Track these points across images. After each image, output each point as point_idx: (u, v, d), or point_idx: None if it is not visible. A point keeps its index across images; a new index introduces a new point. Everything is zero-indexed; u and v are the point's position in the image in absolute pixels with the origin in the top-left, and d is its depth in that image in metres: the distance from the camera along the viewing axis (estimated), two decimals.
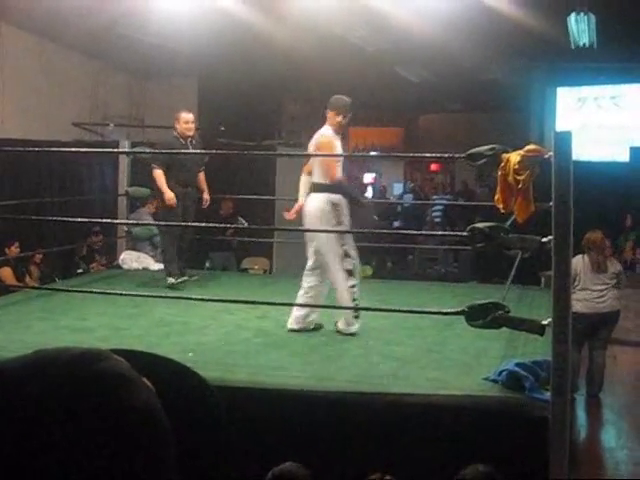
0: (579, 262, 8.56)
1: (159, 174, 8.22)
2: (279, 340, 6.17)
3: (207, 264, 12.06)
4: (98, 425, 0.85)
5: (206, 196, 8.65)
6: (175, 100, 11.86)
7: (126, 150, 9.89)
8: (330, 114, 6.53)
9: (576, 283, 8.47)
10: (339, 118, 6.50)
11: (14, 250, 9.49)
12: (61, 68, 11.87)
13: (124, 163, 9.79)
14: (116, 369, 0.91)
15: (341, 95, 6.59)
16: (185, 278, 8.40)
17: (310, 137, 6.66)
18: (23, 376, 0.87)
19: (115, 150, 10.04)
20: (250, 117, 13.47)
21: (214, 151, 9.41)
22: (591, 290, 8.57)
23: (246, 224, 11.15)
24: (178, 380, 1.09)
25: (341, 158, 6.67)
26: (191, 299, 6.63)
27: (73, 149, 7.49)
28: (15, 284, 9.08)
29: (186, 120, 8.45)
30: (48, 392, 0.85)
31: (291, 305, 6.39)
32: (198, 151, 8.43)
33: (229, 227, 10.61)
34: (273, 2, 9.75)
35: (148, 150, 9.36)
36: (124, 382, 0.90)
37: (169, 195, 8.16)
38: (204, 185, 8.69)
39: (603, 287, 8.64)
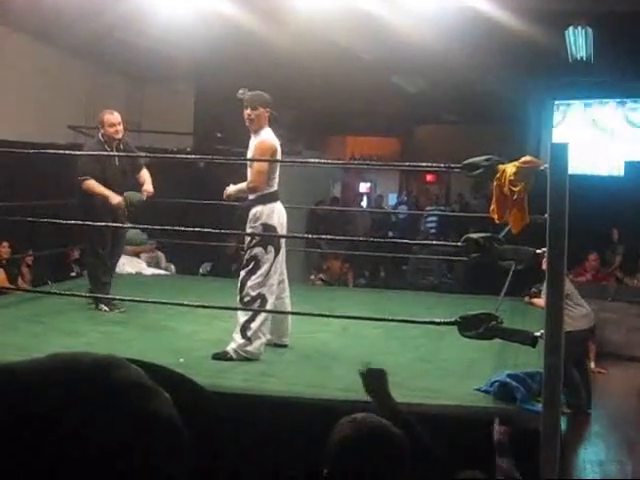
0: (568, 285, 8.58)
1: (92, 183, 7.15)
2: (271, 348, 6.15)
3: (201, 270, 12.04)
4: (118, 431, 0.86)
5: (147, 187, 7.47)
6: (172, 105, 11.86)
7: (121, 154, 9.85)
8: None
9: (569, 305, 8.49)
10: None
11: (3, 250, 9.47)
12: (58, 71, 11.85)
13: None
14: (134, 377, 0.92)
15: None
16: (122, 309, 7.28)
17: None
18: (42, 381, 0.87)
19: (110, 153, 9.90)
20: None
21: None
22: (582, 305, 8.58)
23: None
24: (184, 390, 1.10)
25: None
26: (183, 305, 6.61)
27: (67, 151, 7.44)
28: (6, 286, 9.04)
29: (112, 122, 7.35)
30: (69, 398, 0.85)
31: (284, 313, 6.30)
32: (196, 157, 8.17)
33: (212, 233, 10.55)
34: (272, 8, 9.75)
35: (143, 154, 9.28)
36: (143, 390, 0.91)
37: (115, 199, 7.15)
38: (144, 179, 7.60)
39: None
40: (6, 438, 0.83)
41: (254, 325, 5.71)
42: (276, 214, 5.89)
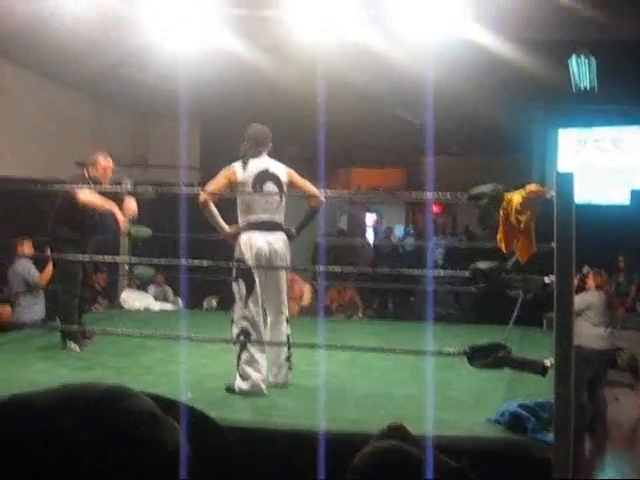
0: (595, 297, 8.67)
1: (89, 195, 7.06)
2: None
3: (205, 305, 12.04)
4: (127, 460, 0.86)
5: (120, 217, 7.27)
6: (178, 140, 11.91)
7: (128, 188, 9.88)
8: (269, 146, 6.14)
9: (592, 319, 8.55)
10: None
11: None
12: (64, 108, 11.94)
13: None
14: (143, 406, 0.92)
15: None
16: (89, 342, 7.27)
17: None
18: (54, 409, 0.88)
19: (115, 187, 9.90)
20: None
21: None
22: (605, 327, 8.67)
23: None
24: (197, 422, 1.10)
25: None
26: (191, 339, 6.60)
27: (75, 185, 7.43)
28: (15, 322, 9.04)
29: (105, 166, 7.39)
30: (80, 426, 0.86)
31: (293, 345, 6.26)
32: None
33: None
34: (275, 44, 9.82)
35: (151, 189, 9.31)
36: (152, 419, 0.91)
37: (114, 207, 7.12)
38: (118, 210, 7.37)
39: (611, 324, 8.80)
40: (18, 466, 0.84)
41: (241, 362, 5.71)
42: (244, 246, 5.84)
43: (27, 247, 9.38)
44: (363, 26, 8.89)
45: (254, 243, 5.84)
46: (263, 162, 6.03)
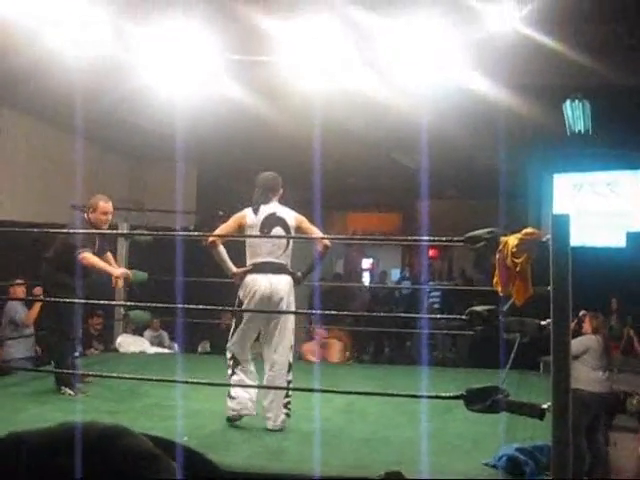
0: (593, 341, 8.67)
1: (93, 257, 7.14)
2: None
3: (199, 349, 12.01)
4: None
5: (116, 272, 7.31)
6: (175, 184, 11.97)
7: (124, 232, 9.91)
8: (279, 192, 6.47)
9: (590, 363, 8.55)
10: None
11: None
12: (61, 152, 11.99)
13: (122, 246, 9.81)
14: (142, 445, 0.93)
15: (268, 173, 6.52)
16: (83, 387, 7.22)
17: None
18: (53, 447, 0.88)
19: (113, 232, 9.84)
20: (249, 202, 13.57)
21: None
22: (602, 371, 8.66)
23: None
24: (197, 464, 1.11)
25: None
26: (187, 382, 6.56)
27: (71, 230, 7.47)
28: (8, 365, 9.02)
29: (105, 211, 7.37)
30: (79, 464, 0.86)
31: (290, 389, 6.29)
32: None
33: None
34: (272, 89, 9.89)
35: (146, 232, 9.34)
36: (151, 458, 0.91)
37: (119, 272, 7.29)
38: (112, 262, 7.69)
39: (608, 368, 8.78)
40: None
41: (232, 382, 6.12)
42: (246, 287, 6.15)
43: (20, 291, 9.43)
44: (359, 72, 8.98)
45: (256, 284, 6.11)
46: (272, 208, 6.31)
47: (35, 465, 0.86)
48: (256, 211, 6.27)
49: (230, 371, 6.17)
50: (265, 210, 6.27)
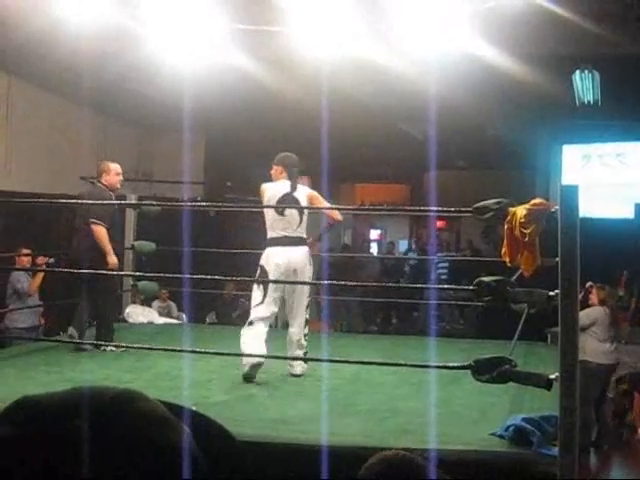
0: (600, 313, 8.69)
1: (104, 232, 7.48)
2: (285, 394, 6.14)
3: (207, 319, 12.05)
4: (138, 462, 0.86)
5: (113, 260, 7.63)
6: (183, 155, 11.94)
7: (132, 202, 9.91)
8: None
9: (595, 334, 8.57)
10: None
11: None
12: (69, 122, 11.97)
13: (131, 217, 9.81)
14: (155, 409, 0.93)
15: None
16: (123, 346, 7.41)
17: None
18: (66, 411, 0.88)
19: (122, 202, 9.81)
20: (257, 173, 13.55)
21: (218, 204, 9.35)
22: (610, 343, 8.69)
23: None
24: (211, 431, 1.11)
25: None
26: (196, 352, 6.59)
27: (79, 201, 7.51)
28: (19, 336, 9.06)
29: (118, 171, 7.78)
30: (92, 428, 0.86)
31: (299, 359, 6.47)
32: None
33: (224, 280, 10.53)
34: (280, 59, 9.84)
35: (155, 203, 9.34)
36: (163, 422, 0.91)
37: (114, 260, 7.56)
38: None
39: (615, 339, 8.81)
40: (29, 468, 0.84)
41: (243, 337, 6.57)
42: (270, 257, 6.70)
43: (25, 261, 9.48)
44: (368, 41, 8.92)
45: (279, 256, 6.68)
46: (287, 186, 6.84)
47: (50, 428, 0.87)
48: (272, 188, 6.86)
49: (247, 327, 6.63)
50: (281, 188, 6.83)
